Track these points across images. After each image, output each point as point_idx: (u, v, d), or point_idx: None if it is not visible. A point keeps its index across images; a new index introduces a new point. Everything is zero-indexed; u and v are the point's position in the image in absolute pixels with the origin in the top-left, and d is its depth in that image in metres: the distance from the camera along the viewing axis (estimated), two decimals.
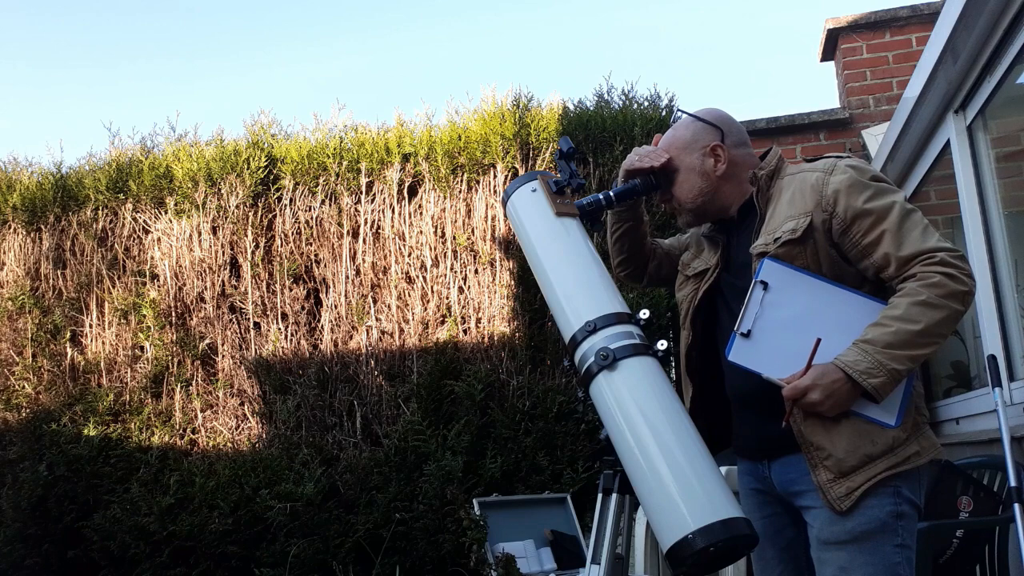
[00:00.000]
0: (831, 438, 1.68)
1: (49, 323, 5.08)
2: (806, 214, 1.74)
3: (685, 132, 1.93)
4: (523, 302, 4.38)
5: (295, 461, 4.28)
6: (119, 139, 5.41)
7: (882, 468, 1.65)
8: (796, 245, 1.74)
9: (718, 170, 1.87)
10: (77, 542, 4.46)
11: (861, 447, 1.66)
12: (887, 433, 1.65)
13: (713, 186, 1.88)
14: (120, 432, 4.70)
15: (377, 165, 4.80)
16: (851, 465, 1.66)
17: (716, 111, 1.95)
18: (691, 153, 1.90)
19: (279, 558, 3.99)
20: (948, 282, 1.61)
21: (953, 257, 1.63)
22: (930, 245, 1.65)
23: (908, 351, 1.61)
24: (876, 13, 5.20)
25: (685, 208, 1.93)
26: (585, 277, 1.91)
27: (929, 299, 1.62)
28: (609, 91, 4.75)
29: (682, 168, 1.90)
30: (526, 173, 2.57)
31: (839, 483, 1.67)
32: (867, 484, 1.65)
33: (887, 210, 1.69)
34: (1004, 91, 3.22)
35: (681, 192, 1.91)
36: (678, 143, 1.92)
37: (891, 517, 1.65)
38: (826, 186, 1.74)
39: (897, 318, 1.63)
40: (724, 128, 1.90)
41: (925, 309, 1.61)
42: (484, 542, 3.55)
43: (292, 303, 4.75)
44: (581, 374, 1.79)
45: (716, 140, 1.89)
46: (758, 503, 1.89)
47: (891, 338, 1.62)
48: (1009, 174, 3.57)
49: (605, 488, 1.81)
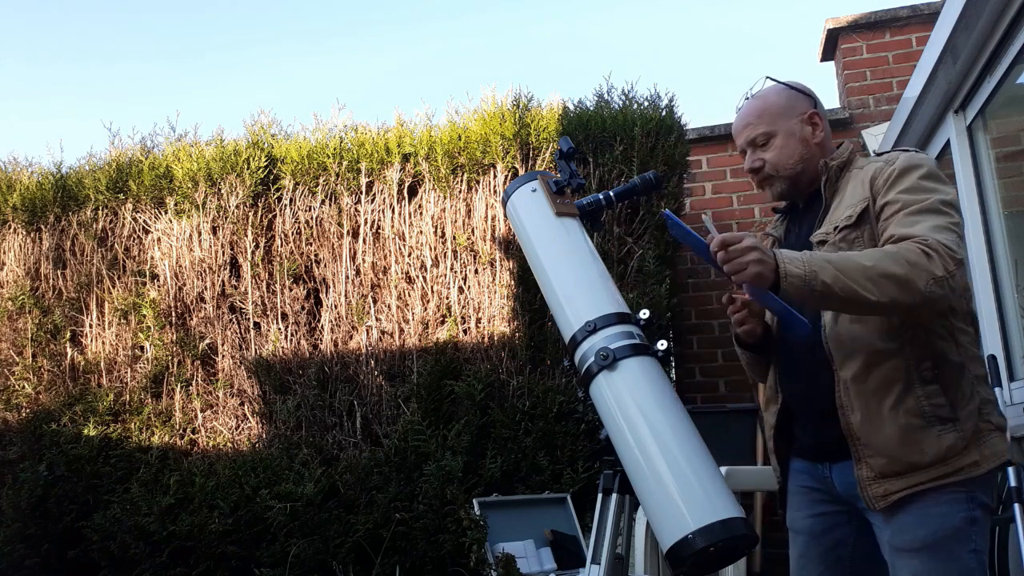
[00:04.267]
0: (880, 438, 1.65)
1: (49, 323, 5.08)
2: (863, 200, 1.73)
3: (779, 98, 1.88)
4: (523, 302, 4.37)
5: (295, 461, 4.28)
6: (119, 139, 5.42)
7: (926, 479, 1.61)
8: (853, 230, 1.72)
9: (816, 137, 1.85)
10: (77, 542, 4.46)
11: (908, 454, 1.62)
12: (941, 442, 1.61)
13: (811, 152, 1.84)
14: (120, 432, 4.70)
15: (377, 165, 4.80)
16: (894, 470, 1.64)
17: (802, 84, 1.93)
18: (789, 119, 1.86)
19: (279, 558, 3.99)
20: (922, 258, 1.53)
21: (946, 250, 1.55)
22: (933, 235, 1.58)
23: (843, 276, 1.51)
24: (876, 13, 5.20)
25: (782, 175, 1.86)
26: (585, 277, 1.91)
27: (893, 253, 1.55)
28: (609, 91, 4.74)
29: (780, 132, 1.85)
30: (526, 173, 2.57)
31: (878, 483, 1.65)
32: (906, 492, 1.62)
33: (916, 200, 1.65)
34: (1004, 91, 3.22)
35: (780, 158, 1.85)
36: (774, 108, 1.86)
37: (965, 523, 1.61)
38: (880, 174, 1.72)
39: (852, 253, 1.59)
40: (816, 98, 1.90)
41: (884, 257, 1.54)
42: (484, 542, 3.54)
43: (292, 303, 4.75)
44: (581, 374, 1.80)
45: (812, 108, 1.87)
46: (809, 501, 1.86)
47: (837, 258, 1.56)
48: (1009, 174, 3.57)
49: (605, 488, 1.81)
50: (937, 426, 1.62)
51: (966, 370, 1.66)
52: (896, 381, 1.65)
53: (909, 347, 1.65)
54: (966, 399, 1.64)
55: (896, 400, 1.64)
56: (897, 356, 1.65)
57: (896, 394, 1.64)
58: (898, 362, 1.65)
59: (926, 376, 1.64)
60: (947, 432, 1.61)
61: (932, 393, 1.63)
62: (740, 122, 1.92)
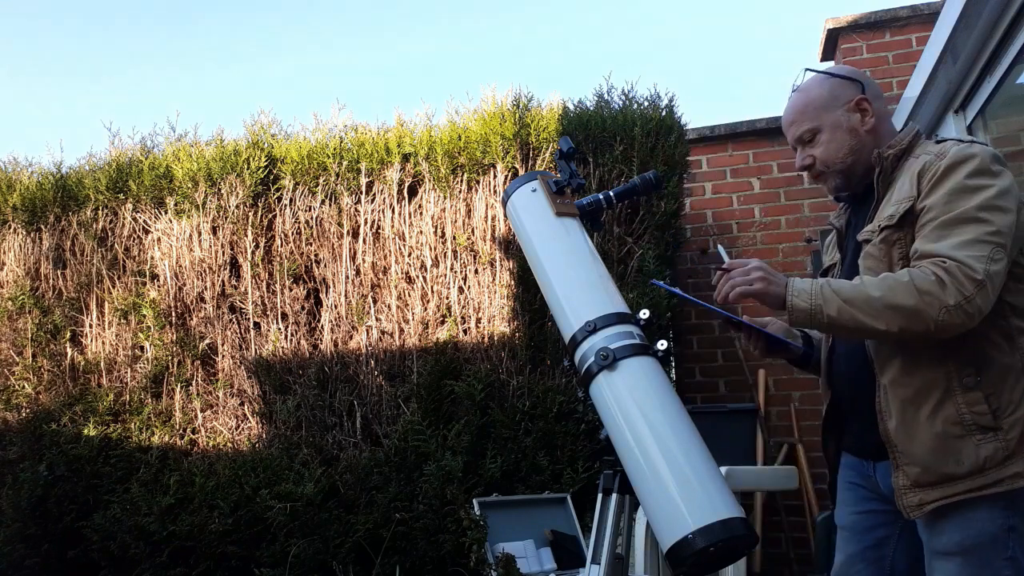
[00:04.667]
0: (915, 446, 1.61)
1: (49, 323, 5.08)
2: (908, 199, 1.64)
3: (820, 90, 1.81)
4: (523, 302, 4.37)
5: (295, 461, 4.28)
6: (119, 139, 5.41)
7: (962, 489, 1.57)
8: (895, 230, 1.65)
9: (866, 124, 1.77)
10: (77, 542, 4.46)
11: (943, 465, 1.58)
12: (979, 452, 1.55)
13: (861, 142, 1.76)
14: (120, 432, 4.70)
15: (377, 165, 4.80)
16: (928, 481, 1.60)
17: (847, 67, 1.85)
18: (833, 111, 1.78)
19: (279, 558, 3.98)
20: (935, 286, 1.49)
21: (964, 273, 1.49)
22: (955, 252, 1.51)
23: (850, 307, 1.53)
24: (876, 13, 5.20)
25: (834, 170, 1.80)
26: (585, 277, 1.91)
27: (905, 283, 1.52)
28: (609, 91, 4.74)
29: (825, 127, 1.78)
30: (526, 173, 2.57)
31: (913, 492, 1.62)
32: (941, 502, 1.59)
33: (951, 209, 1.56)
34: (1004, 91, 3.22)
35: (828, 153, 1.79)
36: (816, 102, 1.80)
37: (1003, 531, 1.56)
38: (928, 170, 1.62)
39: (867, 281, 1.57)
40: (864, 81, 1.80)
41: (895, 286, 1.53)
42: (484, 542, 3.54)
43: (292, 303, 4.75)
44: (581, 374, 1.80)
45: (859, 93, 1.78)
46: (855, 498, 1.85)
47: (847, 288, 1.55)
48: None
49: (605, 488, 1.81)
50: (977, 435, 1.56)
51: (1021, 375, 1.58)
52: (935, 387, 1.60)
53: (952, 352, 1.59)
54: (1013, 407, 1.56)
55: (934, 407, 1.59)
56: (938, 362, 1.60)
57: (935, 401, 1.59)
58: (939, 368, 1.60)
59: (968, 383, 1.57)
60: (987, 442, 1.55)
61: (974, 401, 1.57)
62: (786, 120, 1.88)
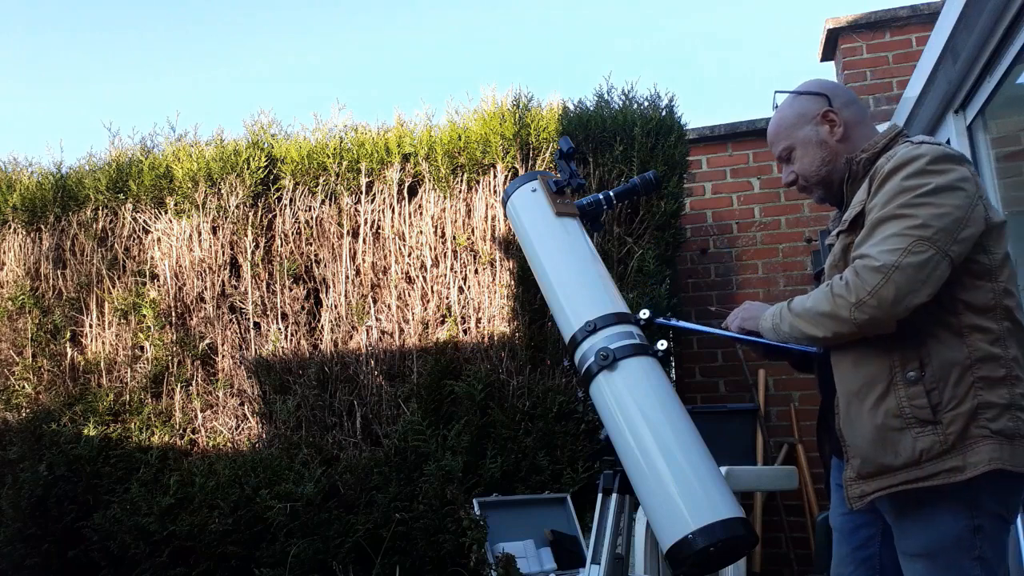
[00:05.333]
0: (856, 439, 1.67)
1: (49, 323, 5.08)
2: (861, 202, 1.71)
3: (789, 110, 1.91)
4: (523, 302, 4.37)
5: (295, 461, 4.28)
6: (119, 139, 5.42)
7: (899, 481, 1.61)
8: (849, 234, 1.73)
9: (835, 134, 1.85)
10: (77, 542, 4.46)
11: (882, 456, 1.63)
12: (916, 445, 1.59)
13: (834, 152, 1.85)
14: (120, 432, 4.70)
15: (377, 165, 4.80)
16: (868, 472, 1.65)
17: (815, 80, 1.93)
18: (802, 127, 1.88)
19: (279, 558, 3.98)
20: (843, 288, 1.61)
21: (867, 265, 1.58)
22: (870, 250, 1.60)
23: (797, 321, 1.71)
24: (876, 13, 5.20)
25: (812, 182, 1.90)
26: (585, 277, 1.91)
27: (825, 291, 1.66)
28: (609, 91, 4.74)
29: (798, 144, 1.88)
30: (526, 173, 2.57)
31: (856, 484, 1.68)
32: (879, 494, 1.63)
33: (884, 211, 1.62)
34: (1004, 91, 3.22)
35: (804, 167, 1.89)
36: (785, 123, 1.91)
37: (967, 531, 1.59)
38: (878, 172, 1.69)
39: (812, 293, 1.72)
40: (828, 93, 1.88)
41: (819, 295, 1.68)
42: (484, 542, 3.54)
43: (292, 303, 4.75)
44: (581, 374, 1.80)
45: (824, 106, 1.86)
46: (839, 499, 1.87)
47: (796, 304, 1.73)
48: (1009, 174, 3.57)
49: (605, 488, 1.81)
50: (916, 428, 1.60)
51: (967, 371, 1.60)
52: (879, 381, 1.65)
53: (897, 347, 1.64)
54: (956, 402, 1.59)
55: (877, 400, 1.64)
56: (883, 356, 1.65)
57: (877, 394, 1.64)
58: (884, 362, 1.65)
59: (911, 376, 1.61)
60: (925, 435, 1.59)
61: (915, 394, 1.61)
62: (768, 141, 1.98)
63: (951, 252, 1.57)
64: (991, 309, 1.64)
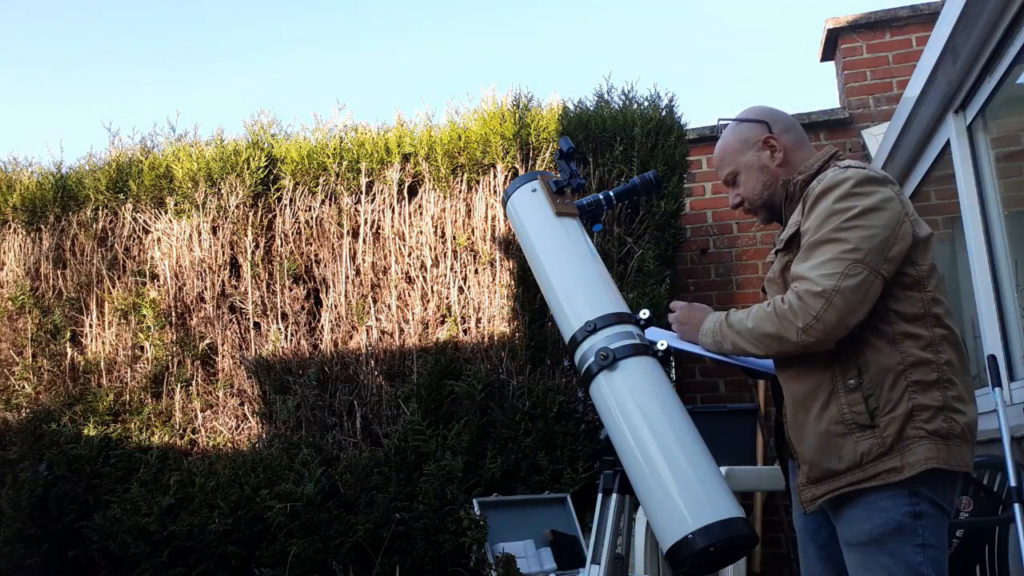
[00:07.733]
0: (804, 446, 1.75)
1: (49, 323, 5.08)
2: (795, 223, 1.80)
3: (732, 137, 1.98)
4: (523, 302, 4.37)
5: (295, 461, 4.28)
6: (119, 139, 5.41)
7: (844, 483, 1.69)
8: (785, 253, 1.81)
9: (775, 159, 1.91)
10: (77, 542, 4.46)
11: (827, 461, 1.70)
12: (857, 448, 1.66)
13: (774, 176, 1.92)
14: (120, 432, 4.70)
15: (377, 165, 4.80)
16: (815, 476, 1.73)
17: (756, 107, 2.00)
18: (744, 152, 1.94)
19: (279, 558, 3.98)
20: (787, 312, 1.67)
21: (810, 291, 1.65)
22: (810, 273, 1.67)
23: (738, 339, 1.77)
24: (876, 13, 5.21)
25: (756, 205, 1.97)
26: (585, 277, 1.91)
27: (768, 312, 1.72)
28: (609, 91, 4.74)
29: (741, 169, 1.95)
30: (526, 173, 2.57)
31: (807, 489, 1.76)
32: (828, 496, 1.71)
33: (816, 235, 1.69)
34: (1004, 91, 3.22)
35: (747, 191, 1.96)
36: (729, 149, 1.98)
37: (908, 517, 1.65)
38: (809, 195, 1.77)
39: (751, 312, 1.77)
40: (768, 119, 1.94)
41: (761, 315, 1.74)
42: (484, 542, 3.54)
43: (292, 303, 4.75)
44: (581, 374, 1.80)
45: (765, 133, 1.92)
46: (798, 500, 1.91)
47: (736, 321, 1.79)
48: (1009, 174, 3.57)
49: (605, 488, 1.82)
50: (856, 433, 1.67)
51: (900, 376, 1.67)
52: (822, 390, 1.72)
53: (837, 357, 1.71)
54: (891, 406, 1.66)
55: (820, 408, 1.71)
56: (825, 366, 1.72)
57: (821, 402, 1.72)
58: (825, 372, 1.72)
59: (851, 384, 1.69)
60: (865, 439, 1.66)
61: (854, 401, 1.68)
62: (715, 167, 2.06)
63: (883, 270, 1.66)
64: (921, 317, 1.72)
